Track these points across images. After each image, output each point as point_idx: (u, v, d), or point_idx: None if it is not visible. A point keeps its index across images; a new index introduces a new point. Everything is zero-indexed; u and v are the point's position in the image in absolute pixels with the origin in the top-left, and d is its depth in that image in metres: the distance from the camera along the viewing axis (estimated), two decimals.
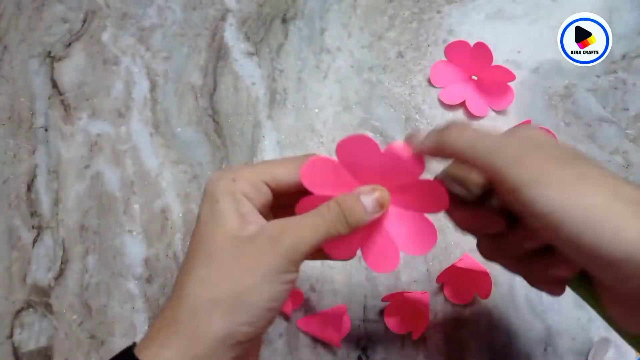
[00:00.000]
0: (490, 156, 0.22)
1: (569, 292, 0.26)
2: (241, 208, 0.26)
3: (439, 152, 0.25)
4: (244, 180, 0.27)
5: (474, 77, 0.46)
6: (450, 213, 0.28)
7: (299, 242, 0.25)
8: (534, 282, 0.27)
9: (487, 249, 0.29)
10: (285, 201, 0.28)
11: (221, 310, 0.25)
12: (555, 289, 0.27)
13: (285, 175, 0.28)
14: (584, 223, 0.19)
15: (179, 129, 0.47)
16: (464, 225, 0.28)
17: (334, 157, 0.27)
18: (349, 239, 0.28)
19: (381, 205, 0.27)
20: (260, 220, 0.27)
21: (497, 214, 0.26)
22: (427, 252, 0.28)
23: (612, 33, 0.46)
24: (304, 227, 0.26)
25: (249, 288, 0.25)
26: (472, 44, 0.45)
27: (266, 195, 0.28)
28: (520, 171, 0.21)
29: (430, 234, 0.28)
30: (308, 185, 0.27)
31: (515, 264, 0.28)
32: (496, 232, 0.27)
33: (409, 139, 0.26)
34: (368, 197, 0.27)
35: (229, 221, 0.26)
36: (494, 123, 0.45)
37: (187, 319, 0.25)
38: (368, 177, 0.27)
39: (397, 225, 0.28)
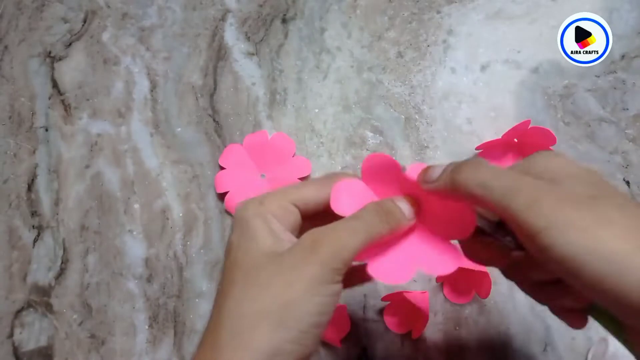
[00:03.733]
0: (505, 199, 0.21)
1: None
2: (272, 227, 0.26)
3: (451, 193, 0.24)
4: (271, 202, 0.27)
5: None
6: (461, 242, 0.28)
7: (340, 248, 0.24)
8: (553, 311, 0.27)
9: (507, 272, 0.29)
10: (315, 223, 0.28)
11: (266, 323, 0.23)
12: (574, 321, 0.26)
13: (313, 196, 0.28)
14: (605, 269, 0.19)
15: (179, 128, 0.47)
16: (471, 256, 0.28)
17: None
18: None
19: (412, 210, 0.27)
20: (292, 238, 0.27)
21: (505, 249, 0.26)
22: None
23: (612, 33, 0.46)
24: (343, 232, 0.25)
25: (293, 302, 0.23)
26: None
27: (295, 216, 0.27)
28: (536, 215, 0.20)
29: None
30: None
31: (532, 291, 0.28)
32: (502, 267, 0.27)
33: (421, 176, 0.26)
34: (402, 202, 0.27)
35: (261, 239, 0.25)
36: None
37: (229, 339, 0.23)
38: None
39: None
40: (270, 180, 0.45)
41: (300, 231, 0.28)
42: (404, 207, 0.27)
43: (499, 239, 0.26)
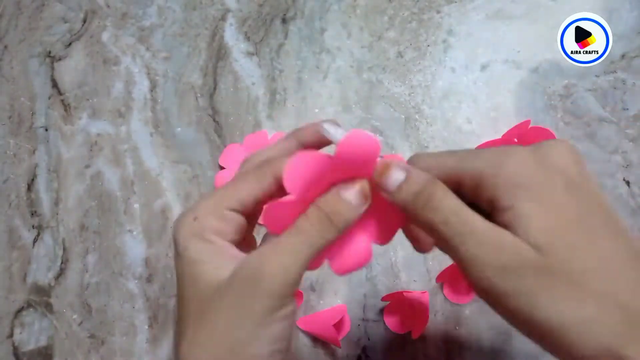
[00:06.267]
0: (453, 247, 0.22)
1: None
2: (213, 249, 0.23)
3: (410, 211, 0.23)
4: (206, 216, 0.24)
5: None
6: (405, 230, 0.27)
7: (284, 274, 0.22)
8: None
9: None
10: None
11: None
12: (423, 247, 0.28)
13: (251, 195, 0.24)
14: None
15: (179, 128, 0.47)
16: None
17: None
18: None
19: (365, 197, 0.24)
20: (235, 253, 0.24)
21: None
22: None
23: (612, 33, 0.46)
24: (285, 254, 0.22)
25: (244, 341, 0.22)
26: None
27: (236, 222, 0.24)
28: (471, 271, 0.21)
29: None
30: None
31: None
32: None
33: (379, 178, 0.23)
34: (350, 191, 0.23)
35: (203, 267, 0.23)
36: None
37: None
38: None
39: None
40: None
41: (248, 230, 0.26)
42: (353, 197, 0.23)
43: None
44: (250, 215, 0.25)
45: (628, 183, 0.43)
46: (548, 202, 0.21)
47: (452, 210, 0.22)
